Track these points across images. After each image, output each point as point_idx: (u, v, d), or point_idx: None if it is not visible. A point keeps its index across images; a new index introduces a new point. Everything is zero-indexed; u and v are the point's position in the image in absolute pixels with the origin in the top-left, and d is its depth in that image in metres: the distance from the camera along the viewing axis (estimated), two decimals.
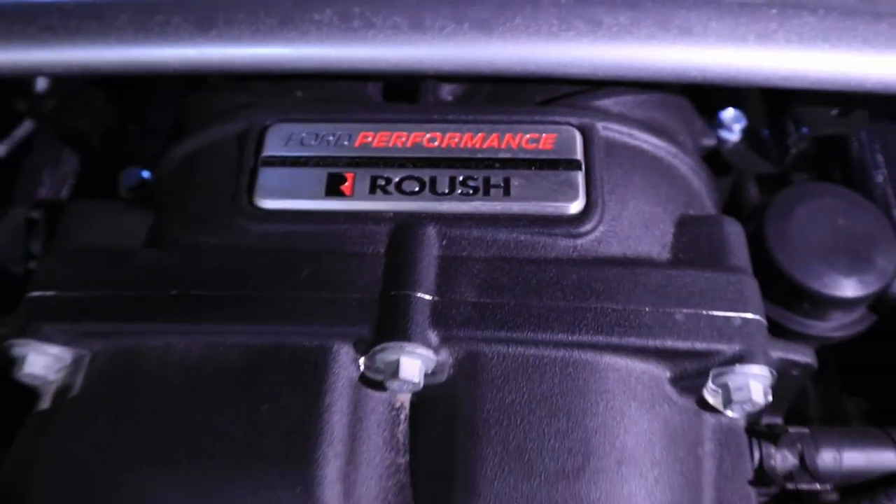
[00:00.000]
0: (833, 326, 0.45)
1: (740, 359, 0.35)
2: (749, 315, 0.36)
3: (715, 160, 0.53)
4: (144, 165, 0.51)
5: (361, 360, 0.35)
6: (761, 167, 0.52)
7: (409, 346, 0.34)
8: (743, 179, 0.55)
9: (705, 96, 0.52)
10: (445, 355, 0.35)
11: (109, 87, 0.55)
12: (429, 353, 0.34)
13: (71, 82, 0.55)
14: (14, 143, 0.72)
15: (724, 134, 0.52)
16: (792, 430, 0.37)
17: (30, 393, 0.39)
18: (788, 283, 0.43)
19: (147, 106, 0.57)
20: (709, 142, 0.52)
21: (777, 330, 0.44)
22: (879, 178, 0.51)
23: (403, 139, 0.41)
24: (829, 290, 0.42)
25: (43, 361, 0.37)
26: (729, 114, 0.52)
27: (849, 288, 0.42)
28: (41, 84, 0.70)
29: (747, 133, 0.53)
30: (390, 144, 0.40)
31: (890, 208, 0.50)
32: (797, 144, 0.50)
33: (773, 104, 0.52)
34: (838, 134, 0.51)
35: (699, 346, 0.35)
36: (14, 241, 0.46)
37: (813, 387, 0.53)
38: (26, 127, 0.72)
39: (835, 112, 0.50)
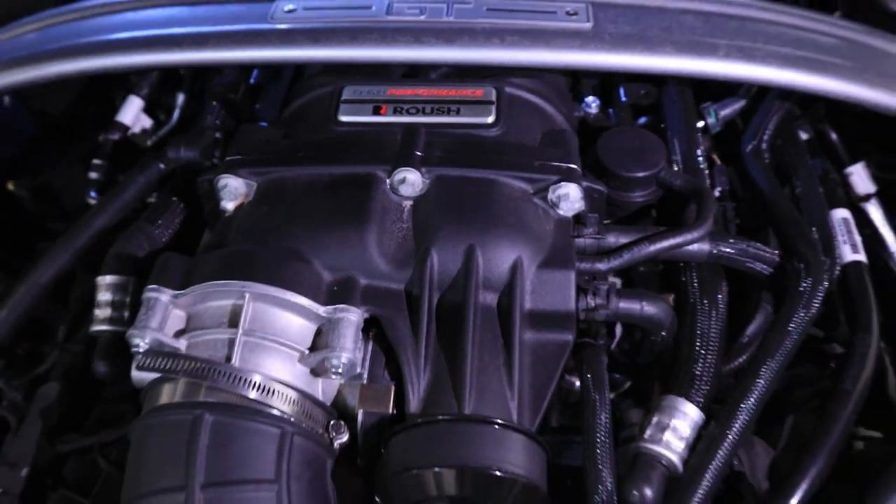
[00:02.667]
0: (638, 195, 0.83)
1: (564, 179, 0.74)
2: (571, 165, 0.76)
3: (585, 125, 0.94)
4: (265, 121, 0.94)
5: (388, 181, 0.75)
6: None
7: (410, 170, 0.74)
8: None
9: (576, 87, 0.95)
10: (427, 179, 0.75)
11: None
12: (419, 175, 0.74)
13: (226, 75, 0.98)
14: (158, 138, 1.14)
15: (588, 109, 0.94)
16: (591, 216, 0.76)
17: None
18: (608, 171, 0.82)
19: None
20: (578, 114, 0.93)
21: (609, 200, 0.83)
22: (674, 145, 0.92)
23: (411, 91, 0.83)
24: (627, 173, 0.82)
25: (235, 185, 0.77)
26: (590, 98, 0.94)
27: (637, 171, 0.82)
28: (180, 99, 1.13)
29: (602, 109, 0.94)
30: (404, 93, 0.82)
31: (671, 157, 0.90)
32: (624, 111, 0.92)
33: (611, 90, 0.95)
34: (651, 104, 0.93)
35: (544, 176, 0.75)
36: (206, 149, 0.88)
37: None
38: (166, 128, 1.15)
39: (643, 91, 0.93)
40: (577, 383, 0.80)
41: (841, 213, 0.88)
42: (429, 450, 0.60)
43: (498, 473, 0.59)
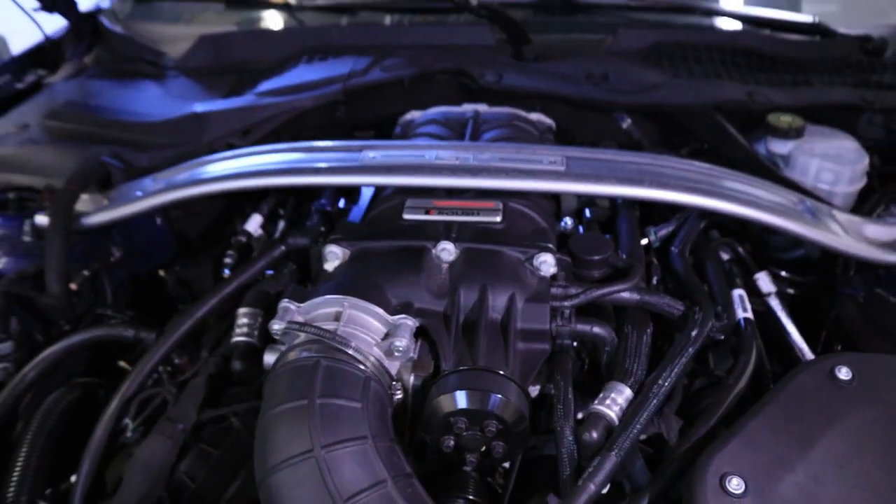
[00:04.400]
0: (595, 272, 1.25)
1: (543, 252, 1.17)
2: (549, 244, 1.19)
3: (563, 236, 1.39)
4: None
5: (433, 251, 1.18)
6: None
7: (448, 244, 1.17)
8: None
9: (558, 211, 1.42)
10: (457, 250, 1.18)
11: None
12: (453, 247, 1.18)
13: (323, 198, 1.47)
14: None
15: (565, 226, 1.39)
16: (561, 273, 1.18)
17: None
18: (575, 257, 1.25)
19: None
20: (559, 228, 1.38)
21: (576, 276, 1.25)
22: (622, 248, 1.36)
23: (449, 203, 1.29)
24: (587, 257, 1.25)
25: (336, 251, 1.21)
26: (567, 218, 1.40)
27: (593, 256, 1.24)
28: (281, 225, 1.62)
29: (575, 225, 1.40)
30: (445, 204, 1.29)
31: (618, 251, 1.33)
32: (590, 225, 1.37)
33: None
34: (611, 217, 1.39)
35: (531, 250, 1.18)
36: (314, 238, 1.34)
37: None
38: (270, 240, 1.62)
39: (600, 212, 1.39)
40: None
41: (738, 291, 1.28)
42: (453, 384, 0.98)
43: (499, 396, 0.96)
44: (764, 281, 1.41)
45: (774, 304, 1.38)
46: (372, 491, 0.88)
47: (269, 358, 1.09)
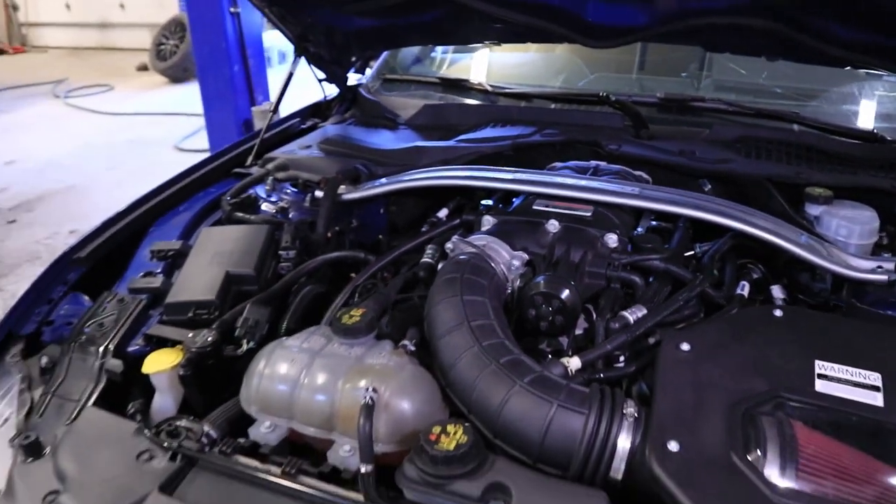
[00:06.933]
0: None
1: (610, 233, 1.92)
2: (616, 231, 1.95)
3: (632, 239, 2.12)
4: None
5: (545, 225, 1.98)
6: None
7: (554, 222, 1.97)
8: None
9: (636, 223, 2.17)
10: (561, 226, 1.97)
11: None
12: (557, 224, 1.97)
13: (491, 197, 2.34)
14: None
15: (637, 232, 2.12)
16: (620, 246, 1.91)
17: None
18: (635, 244, 1.98)
19: None
20: (631, 233, 2.12)
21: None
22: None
23: (563, 204, 2.09)
24: (642, 244, 1.97)
25: (490, 219, 2.05)
26: (640, 229, 2.13)
27: (648, 245, 1.97)
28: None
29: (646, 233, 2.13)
30: (559, 204, 2.09)
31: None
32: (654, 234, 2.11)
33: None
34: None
35: (603, 231, 1.94)
36: (478, 216, 2.19)
37: None
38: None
39: (663, 225, 2.11)
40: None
41: (743, 282, 1.94)
42: (540, 279, 1.77)
43: (564, 289, 1.73)
44: (777, 290, 2.03)
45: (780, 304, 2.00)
46: (484, 320, 1.67)
47: (441, 266, 1.94)
